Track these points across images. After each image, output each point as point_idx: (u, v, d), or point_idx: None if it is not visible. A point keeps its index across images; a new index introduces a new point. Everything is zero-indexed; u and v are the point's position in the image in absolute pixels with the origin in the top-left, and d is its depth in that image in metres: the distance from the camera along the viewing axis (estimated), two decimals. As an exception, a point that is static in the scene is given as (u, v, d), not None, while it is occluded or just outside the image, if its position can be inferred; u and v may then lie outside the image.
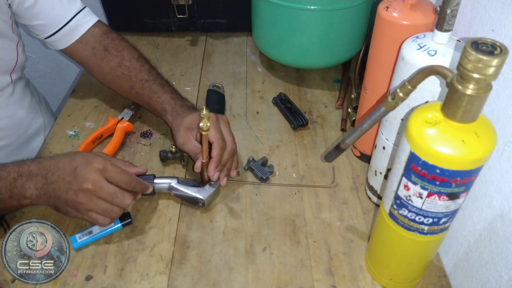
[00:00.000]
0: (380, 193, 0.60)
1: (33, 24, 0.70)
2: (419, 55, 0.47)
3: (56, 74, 1.31)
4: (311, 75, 0.89)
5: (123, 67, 0.71)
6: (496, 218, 0.46)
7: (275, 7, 0.75)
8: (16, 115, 0.75)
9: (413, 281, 0.52)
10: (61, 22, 0.70)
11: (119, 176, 0.55)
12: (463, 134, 0.36)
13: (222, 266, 0.55)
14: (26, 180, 0.53)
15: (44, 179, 0.53)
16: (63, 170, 0.53)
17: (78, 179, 0.52)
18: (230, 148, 0.62)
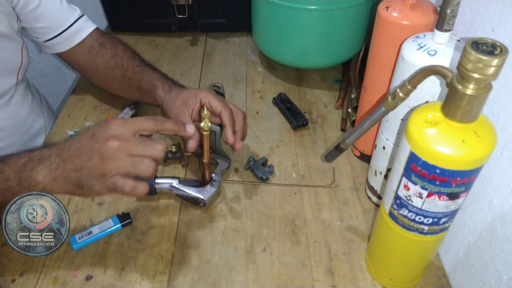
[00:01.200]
0: (380, 193, 0.60)
1: (34, 27, 0.70)
2: (419, 55, 0.47)
3: (56, 74, 1.31)
4: (311, 75, 0.89)
5: (117, 57, 0.72)
6: (496, 218, 0.46)
7: (275, 7, 0.75)
8: (18, 116, 0.75)
9: (413, 281, 0.52)
10: (63, 26, 0.71)
11: (142, 118, 0.49)
12: (463, 134, 0.36)
13: (222, 266, 0.55)
14: (37, 163, 0.49)
15: (59, 158, 0.49)
16: (80, 141, 0.48)
17: (99, 141, 0.47)
18: (240, 114, 0.62)
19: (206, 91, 0.62)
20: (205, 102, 0.61)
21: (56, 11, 0.70)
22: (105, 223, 0.58)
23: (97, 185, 0.48)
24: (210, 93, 0.61)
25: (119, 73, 0.72)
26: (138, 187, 0.47)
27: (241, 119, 0.62)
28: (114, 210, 0.62)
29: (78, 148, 0.48)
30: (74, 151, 0.48)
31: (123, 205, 0.63)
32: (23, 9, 0.67)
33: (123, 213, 0.60)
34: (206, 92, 0.61)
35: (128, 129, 0.47)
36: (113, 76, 0.73)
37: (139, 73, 0.70)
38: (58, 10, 0.70)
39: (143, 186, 0.48)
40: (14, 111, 0.74)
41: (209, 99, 0.60)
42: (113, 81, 0.73)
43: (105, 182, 0.47)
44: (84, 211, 0.62)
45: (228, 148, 0.71)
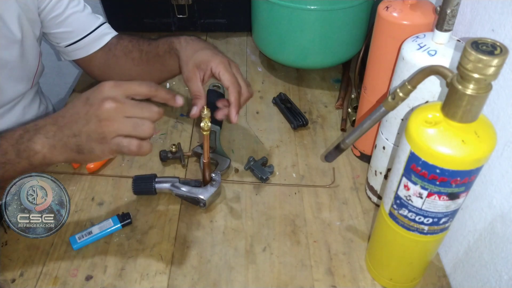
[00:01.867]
0: (380, 193, 0.60)
1: (57, 32, 0.71)
2: (419, 55, 0.47)
3: (56, 74, 1.31)
4: (311, 75, 0.89)
5: (133, 41, 0.74)
6: (496, 218, 0.46)
7: (275, 7, 0.75)
8: (24, 119, 0.76)
9: (413, 281, 0.52)
10: (86, 31, 0.72)
11: (136, 83, 0.48)
12: (463, 134, 0.36)
13: (222, 266, 0.55)
14: (33, 134, 0.48)
15: (55, 126, 0.48)
16: (74, 107, 0.47)
17: (95, 104, 0.46)
18: (246, 94, 0.60)
19: (219, 60, 0.59)
20: (215, 72, 0.59)
21: (80, 17, 0.71)
22: (105, 223, 0.58)
23: (98, 148, 0.47)
24: (222, 63, 0.59)
25: (137, 52, 0.72)
26: (143, 145, 0.47)
27: (245, 99, 0.60)
28: (114, 210, 0.62)
29: (73, 114, 0.47)
30: (69, 117, 0.47)
31: (123, 205, 0.63)
32: (49, 15, 0.68)
33: (123, 213, 0.60)
34: (218, 62, 0.59)
35: (122, 91, 0.47)
36: (132, 58, 0.73)
37: (155, 42, 0.71)
38: (82, 16, 0.71)
39: (147, 144, 0.48)
40: (21, 114, 0.74)
41: (219, 70, 0.58)
42: (132, 65, 0.74)
43: (106, 144, 0.46)
44: (84, 211, 0.62)
45: (228, 148, 0.71)
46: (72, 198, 0.63)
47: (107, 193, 0.64)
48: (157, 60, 0.71)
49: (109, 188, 0.65)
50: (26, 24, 0.66)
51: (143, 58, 0.72)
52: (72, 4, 0.70)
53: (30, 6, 0.66)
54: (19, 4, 0.64)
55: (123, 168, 0.68)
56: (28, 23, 0.66)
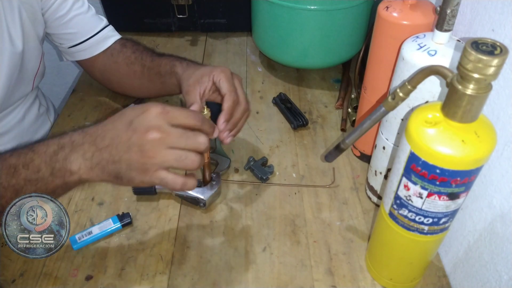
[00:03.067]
0: (380, 193, 0.60)
1: (60, 33, 0.71)
2: (419, 55, 0.47)
3: (56, 74, 1.31)
4: (311, 75, 0.89)
5: (137, 52, 0.73)
6: (496, 218, 0.46)
7: (275, 7, 0.75)
8: (24, 120, 0.76)
9: (413, 281, 0.52)
10: (89, 33, 0.72)
11: (184, 114, 0.44)
12: (463, 134, 0.36)
13: (222, 266, 0.55)
14: (69, 152, 0.45)
15: (94, 146, 0.45)
16: (116, 129, 0.44)
17: (138, 131, 0.43)
18: (243, 106, 0.58)
19: (221, 69, 0.58)
20: (216, 81, 0.58)
21: (84, 19, 0.71)
22: (105, 223, 0.58)
23: (137, 178, 0.45)
24: (224, 72, 0.57)
25: (139, 66, 0.72)
26: (188, 183, 0.46)
27: (241, 111, 0.58)
28: (114, 210, 0.62)
29: (114, 137, 0.44)
30: (109, 140, 0.44)
31: (123, 205, 0.63)
32: (53, 15, 0.68)
33: (123, 213, 0.60)
34: (220, 71, 0.58)
35: (168, 119, 0.43)
36: (133, 71, 0.73)
37: (158, 60, 0.70)
38: (86, 17, 0.71)
39: (192, 181, 0.46)
40: (21, 116, 0.74)
41: (220, 78, 0.57)
42: (133, 77, 0.73)
43: (148, 176, 0.44)
44: (84, 211, 0.62)
45: (228, 148, 0.71)
46: (72, 198, 0.63)
47: (107, 193, 0.64)
48: (158, 78, 0.71)
49: (109, 188, 0.65)
50: (29, 24, 0.66)
51: (145, 73, 0.72)
52: (77, 5, 0.70)
53: (34, 6, 0.66)
54: (22, 4, 0.64)
55: (123, 168, 0.68)
56: (31, 24, 0.66)
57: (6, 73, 0.64)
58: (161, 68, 0.69)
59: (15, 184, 0.46)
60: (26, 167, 0.46)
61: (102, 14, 1.03)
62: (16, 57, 0.65)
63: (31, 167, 0.46)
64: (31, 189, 0.46)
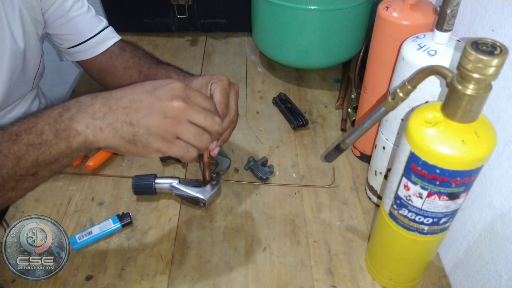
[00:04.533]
0: (380, 193, 0.60)
1: (60, 33, 0.71)
2: (419, 55, 0.47)
3: (56, 74, 1.31)
4: (311, 75, 0.89)
5: (135, 58, 0.72)
6: (496, 218, 0.46)
7: (275, 7, 0.75)
8: None
9: (413, 281, 0.52)
10: (88, 34, 0.72)
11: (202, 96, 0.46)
12: (463, 134, 0.36)
13: (222, 266, 0.55)
14: (76, 112, 0.43)
15: (106, 107, 0.43)
16: (135, 93, 0.44)
17: (162, 98, 0.43)
18: (231, 117, 0.56)
19: (218, 78, 0.56)
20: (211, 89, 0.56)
21: (84, 20, 0.71)
22: (105, 223, 0.58)
23: (154, 144, 0.44)
24: (221, 81, 0.56)
25: (136, 72, 0.72)
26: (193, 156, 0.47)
27: (227, 123, 0.56)
28: (114, 210, 0.62)
29: (134, 100, 0.43)
30: (127, 102, 0.43)
31: (123, 205, 0.63)
32: (53, 15, 0.68)
33: (123, 213, 0.60)
34: (217, 79, 0.56)
35: (191, 96, 0.45)
36: (130, 76, 0.72)
37: (155, 68, 0.70)
38: (86, 18, 0.71)
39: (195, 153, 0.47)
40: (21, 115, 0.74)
41: (215, 87, 0.55)
42: (129, 82, 0.73)
43: (165, 143, 0.44)
44: (84, 211, 0.62)
45: (228, 148, 0.71)
46: (72, 198, 0.63)
47: (107, 193, 0.64)
48: None
49: (109, 188, 0.65)
50: (30, 23, 0.66)
51: (141, 79, 0.71)
52: (76, 6, 0.70)
53: (35, 6, 0.66)
54: (23, 3, 0.64)
55: (123, 168, 0.68)
56: (32, 23, 0.66)
57: (7, 71, 0.64)
58: (157, 77, 0.69)
59: (16, 151, 0.42)
60: (28, 132, 0.43)
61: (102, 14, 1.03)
62: (17, 55, 0.65)
63: (34, 131, 0.43)
64: (33, 155, 0.43)
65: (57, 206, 0.62)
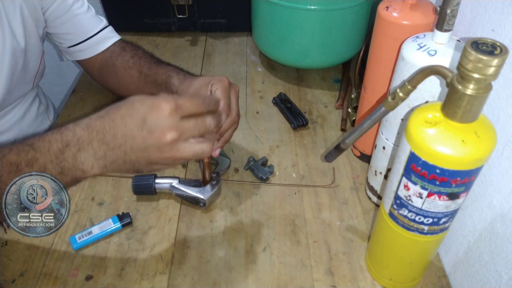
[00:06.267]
0: (380, 193, 0.60)
1: (60, 33, 0.71)
2: (419, 55, 0.47)
3: (56, 74, 1.31)
4: (311, 75, 0.89)
5: (135, 57, 0.72)
6: (496, 218, 0.46)
7: (275, 7, 0.75)
8: (24, 119, 0.76)
9: (413, 281, 0.52)
10: (88, 34, 0.72)
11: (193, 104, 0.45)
12: (463, 134, 0.36)
13: (222, 266, 0.55)
14: (77, 151, 0.43)
15: (104, 145, 0.43)
16: (127, 128, 0.43)
17: (154, 132, 0.42)
18: (232, 118, 0.57)
19: (219, 79, 0.57)
20: (212, 90, 0.57)
21: (84, 19, 0.71)
22: (105, 223, 0.58)
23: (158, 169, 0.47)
24: (221, 81, 0.56)
25: (136, 71, 0.72)
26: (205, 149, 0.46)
27: (228, 123, 0.57)
28: (114, 210, 0.62)
29: (127, 137, 0.43)
30: (122, 138, 0.43)
31: (123, 205, 0.63)
32: (53, 15, 0.68)
33: (123, 213, 0.60)
34: (218, 80, 0.56)
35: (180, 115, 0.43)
36: (130, 76, 0.72)
37: (155, 68, 0.70)
38: (86, 18, 0.71)
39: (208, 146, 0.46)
40: (21, 114, 0.74)
41: (216, 88, 0.56)
42: (129, 81, 0.73)
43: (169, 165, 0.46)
44: (84, 211, 0.62)
45: (228, 148, 0.71)
46: (72, 198, 0.63)
47: (107, 193, 0.64)
48: (153, 86, 0.70)
49: (109, 188, 0.65)
50: (30, 22, 0.66)
51: (141, 79, 0.71)
52: (76, 5, 0.70)
53: (35, 5, 0.66)
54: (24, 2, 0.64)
55: (123, 168, 0.68)
56: (32, 21, 0.66)
57: (8, 69, 0.64)
58: (157, 77, 0.69)
59: None
60: (30, 166, 0.44)
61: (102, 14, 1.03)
62: (18, 53, 0.65)
63: (36, 166, 0.44)
64: None
65: (57, 206, 0.62)
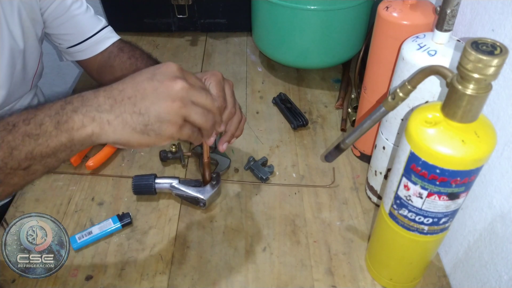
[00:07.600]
0: (380, 193, 0.60)
1: (59, 33, 0.71)
2: (419, 55, 0.47)
3: (56, 74, 1.31)
4: (311, 75, 0.89)
5: (132, 58, 0.72)
6: (496, 218, 0.46)
7: (275, 7, 0.75)
8: None
9: (413, 281, 0.52)
10: (87, 34, 0.72)
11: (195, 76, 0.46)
12: (463, 134, 0.36)
13: (222, 266, 0.55)
14: (80, 105, 0.41)
15: (111, 99, 0.41)
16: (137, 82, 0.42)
17: (165, 81, 0.41)
18: (229, 110, 0.55)
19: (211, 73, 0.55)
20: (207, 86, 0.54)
21: (83, 19, 0.71)
22: (105, 223, 0.58)
23: (166, 132, 0.42)
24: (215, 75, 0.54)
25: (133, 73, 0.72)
26: None
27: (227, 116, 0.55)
28: (114, 210, 0.62)
29: (137, 89, 0.41)
30: (131, 92, 0.41)
31: (123, 205, 0.63)
32: (51, 15, 0.68)
33: (123, 213, 0.60)
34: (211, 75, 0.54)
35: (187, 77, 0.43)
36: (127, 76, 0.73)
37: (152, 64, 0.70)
38: (85, 18, 0.71)
39: None
40: None
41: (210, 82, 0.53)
42: None
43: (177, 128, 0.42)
44: (84, 211, 0.62)
45: (228, 148, 0.71)
46: (72, 198, 0.63)
47: (107, 193, 0.64)
48: None
49: (109, 188, 0.65)
50: (28, 23, 0.66)
51: None
52: (75, 5, 0.70)
53: (34, 6, 0.66)
54: (22, 4, 0.64)
55: (123, 168, 0.68)
56: (30, 23, 0.66)
57: (7, 69, 0.64)
58: None
59: (11, 140, 0.40)
60: (26, 122, 0.40)
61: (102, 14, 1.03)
62: (17, 54, 0.65)
63: (33, 121, 0.40)
64: (29, 146, 0.40)
65: (57, 206, 0.62)
